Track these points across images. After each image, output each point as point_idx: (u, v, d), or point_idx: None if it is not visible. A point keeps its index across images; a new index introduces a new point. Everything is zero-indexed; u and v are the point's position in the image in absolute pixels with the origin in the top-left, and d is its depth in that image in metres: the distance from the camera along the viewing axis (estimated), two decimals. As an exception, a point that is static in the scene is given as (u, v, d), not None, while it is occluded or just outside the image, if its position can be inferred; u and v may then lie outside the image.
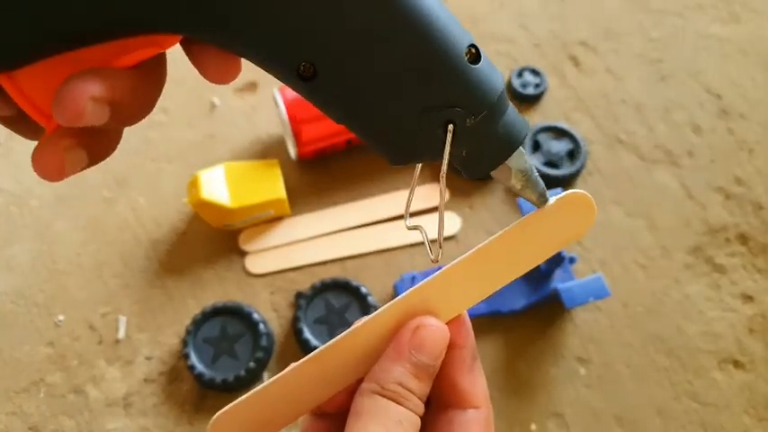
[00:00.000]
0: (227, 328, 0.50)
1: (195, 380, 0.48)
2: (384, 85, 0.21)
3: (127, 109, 0.19)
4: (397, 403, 0.23)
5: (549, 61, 0.66)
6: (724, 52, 0.66)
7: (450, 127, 0.22)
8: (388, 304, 0.25)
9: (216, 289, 0.53)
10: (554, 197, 0.25)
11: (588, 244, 0.55)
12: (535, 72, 0.64)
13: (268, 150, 0.60)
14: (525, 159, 0.25)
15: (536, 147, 0.58)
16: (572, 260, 0.50)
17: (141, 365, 0.50)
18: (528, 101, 0.63)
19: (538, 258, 0.26)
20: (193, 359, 0.48)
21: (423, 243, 0.55)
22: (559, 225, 0.25)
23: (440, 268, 0.26)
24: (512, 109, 0.24)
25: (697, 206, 0.57)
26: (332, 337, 0.51)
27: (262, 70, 0.21)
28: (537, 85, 0.63)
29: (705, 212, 0.57)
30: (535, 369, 0.50)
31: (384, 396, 0.23)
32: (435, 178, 0.58)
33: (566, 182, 0.57)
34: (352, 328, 0.25)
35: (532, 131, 0.58)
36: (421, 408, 0.24)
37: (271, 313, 0.52)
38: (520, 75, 0.63)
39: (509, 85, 0.63)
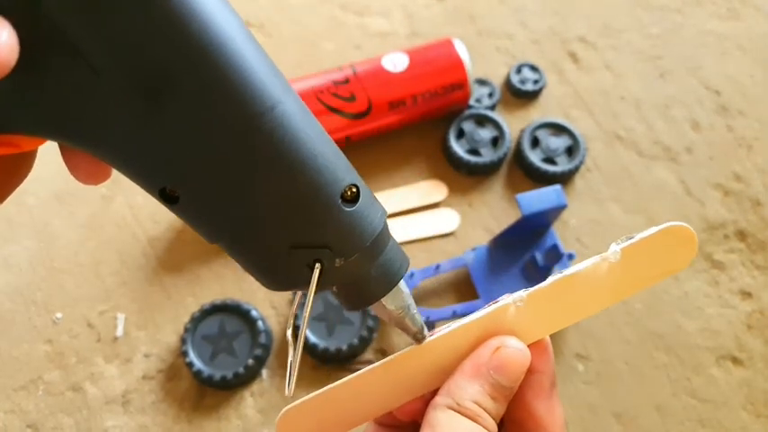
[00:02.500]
0: (226, 325, 0.50)
1: (194, 377, 0.48)
2: (249, 218, 0.20)
3: None
4: (472, 421, 0.23)
5: (547, 57, 0.66)
6: (723, 49, 0.66)
7: (317, 266, 0.21)
8: (469, 319, 0.24)
9: (214, 286, 0.53)
10: (655, 228, 0.24)
11: (586, 240, 0.55)
12: (534, 68, 0.63)
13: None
14: (403, 297, 0.24)
15: (534, 143, 0.58)
16: (570, 257, 0.50)
17: (140, 363, 0.50)
18: (526, 97, 0.63)
19: (632, 289, 0.24)
20: (192, 356, 0.48)
21: (423, 240, 0.55)
22: (658, 257, 0.24)
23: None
24: (391, 246, 0.23)
25: (696, 203, 0.57)
26: (330, 334, 0.51)
27: None
28: (536, 82, 0.63)
29: (704, 209, 0.57)
30: (534, 366, 0.50)
31: (459, 412, 0.23)
32: (434, 174, 0.58)
33: (564, 178, 0.57)
34: (429, 339, 0.25)
35: (531, 127, 0.58)
36: (495, 428, 0.23)
37: (269, 310, 0.52)
38: (518, 71, 0.63)
39: (508, 82, 0.63)
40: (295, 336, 0.25)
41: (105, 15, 0.16)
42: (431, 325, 0.49)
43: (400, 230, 0.55)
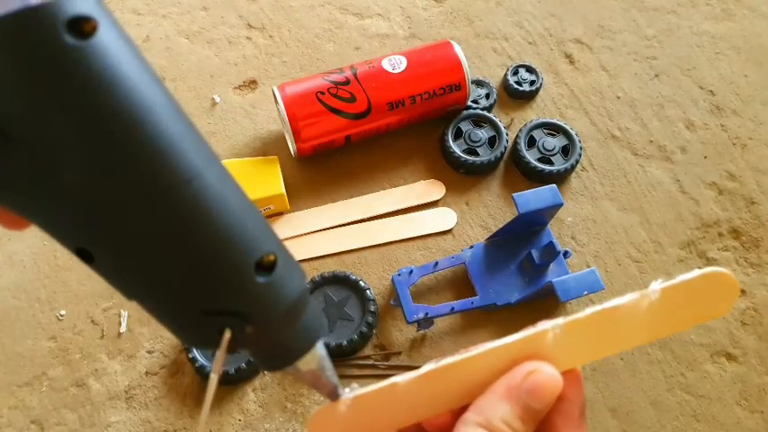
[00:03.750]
0: (228, 322, 0.50)
1: (197, 373, 0.49)
2: (161, 284, 0.20)
3: None
4: None
5: (544, 58, 0.67)
6: (717, 49, 0.67)
7: (227, 334, 0.21)
8: (506, 341, 0.25)
9: (216, 284, 0.54)
10: (698, 271, 0.24)
11: (582, 238, 0.56)
12: (530, 69, 0.64)
13: (268, 147, 0.61)
14: (318, 360, 0.24)
15: (531, 143, 0.59)
16: (566, 254, 0.51)
17: (143, 359, 0.51)
18: (523, 97, 0.64)
19: (667, 330, 0.25)
20: (195, 352, 0.49)
21: (421, 238, 0.56)
22: (696, 300, 0.24)
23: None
24: (309, 310, 0.23)
25: (690, 201, 0.58)
26: (331, 330, 0.52)
27: (261, 68, 0.21)
28: (532, 82, 0.63)
29: (698, 207, 0.58)
30: (531, 361, 0.51)
31: (489, 430, 0.23)
32: (433, 174, 0.59)
33: (560, 177, 0.57)
34: (465, 355, 0.25)
35: (528, 128, 0.59)
36: None
37: (270, 307, 0.53)
38: (515, 72, 0.64)
39: (505, 82, 0.64)
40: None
41: (21, 88, 0.16)
42: (429, 322, 0.50)
43: (399, 229, 0.56)
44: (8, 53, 0.16)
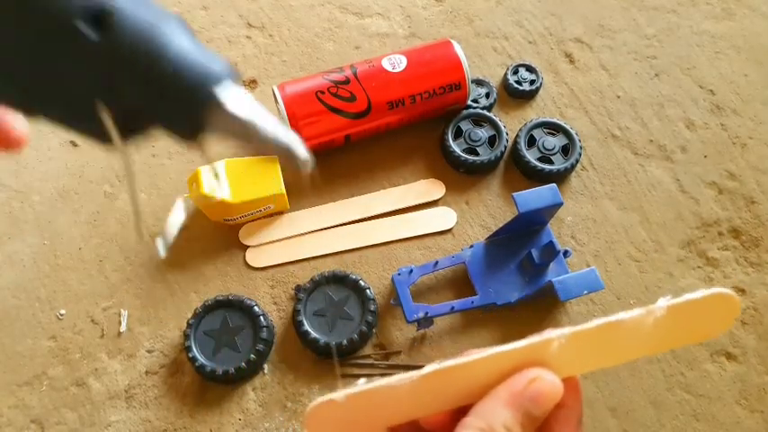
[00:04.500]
0: (228, 320, 0.50)
1: (196, 372, 0.49)
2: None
3: None
4: None
5: (544, 58, 0.67)
6: (717, 48, 0.67)
7: (100, 107, 0.21)
8: (511, 346, 0.25)
9: (217, 282, 0.54)
10: (705, 291, 0.25)
11: (582, 238, 0.56)
12: (530, 68, 0.64)
13: (267, 146, 0.61)
14: (235, 105, 0.21)
15: (531, 142, 0.59)
16: (566, 253, 0.51)
17: (143, 358, 0.51)
18: (523, 97, 0.63)
19: (668, 345, 0.26)
20: (195, 351, 0.49)
21: (421, 237, 0.56)
22: (699, 319, 0.25)
23: None
24: (178, 48, 0.21)
25: (690, 200, 0.58)
26: (331, 329, 0.52)
27: (261, 67, 0.20)
28: (532, 82, 0.63)
29: (698, 207, 0.58)
30: (531, 361, 0.51)
31: None
32: (433, 173, 0.59)
33: (560, 176, 0.57)
34: (468, 359, 0.25)
35: (528, 127, 0.59)
36: None
37: (271, 306, 0.53)
38: (515, 71, 0.64)
39: (505, 82, 0.64)
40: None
41: None
42: (429, 321, 0.50)
43: (399, 228, 0.56)
44: None
